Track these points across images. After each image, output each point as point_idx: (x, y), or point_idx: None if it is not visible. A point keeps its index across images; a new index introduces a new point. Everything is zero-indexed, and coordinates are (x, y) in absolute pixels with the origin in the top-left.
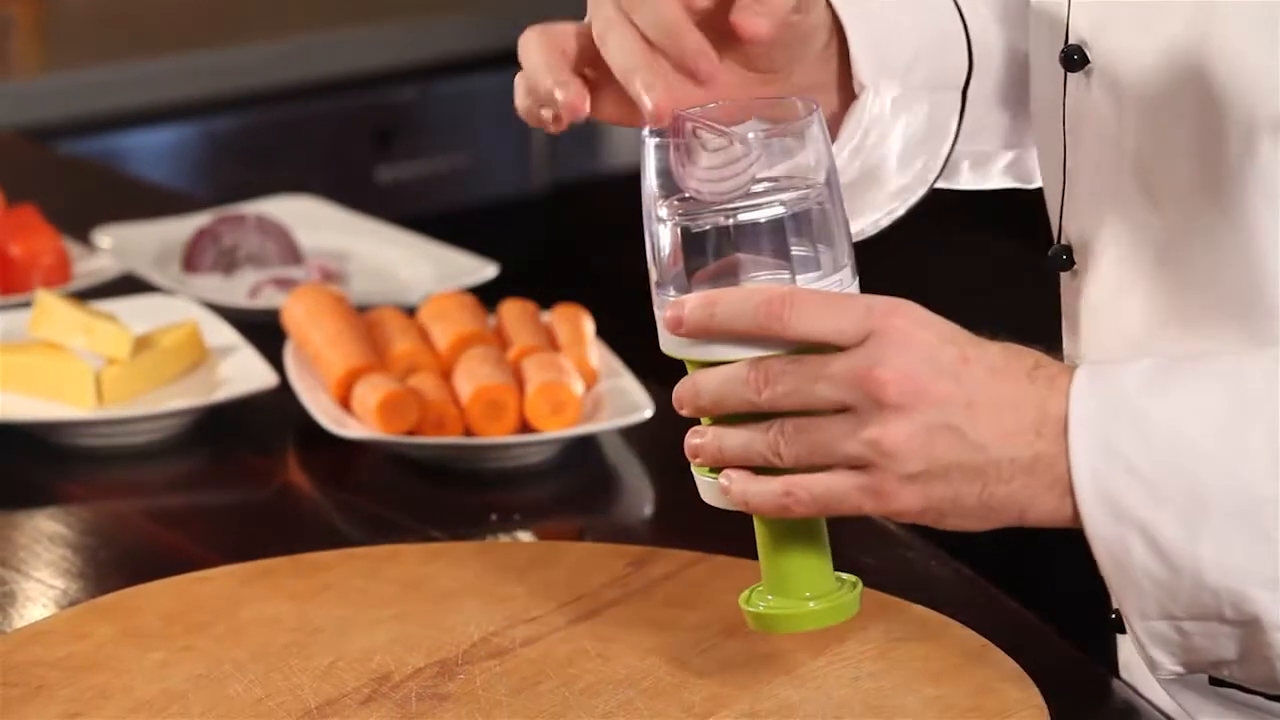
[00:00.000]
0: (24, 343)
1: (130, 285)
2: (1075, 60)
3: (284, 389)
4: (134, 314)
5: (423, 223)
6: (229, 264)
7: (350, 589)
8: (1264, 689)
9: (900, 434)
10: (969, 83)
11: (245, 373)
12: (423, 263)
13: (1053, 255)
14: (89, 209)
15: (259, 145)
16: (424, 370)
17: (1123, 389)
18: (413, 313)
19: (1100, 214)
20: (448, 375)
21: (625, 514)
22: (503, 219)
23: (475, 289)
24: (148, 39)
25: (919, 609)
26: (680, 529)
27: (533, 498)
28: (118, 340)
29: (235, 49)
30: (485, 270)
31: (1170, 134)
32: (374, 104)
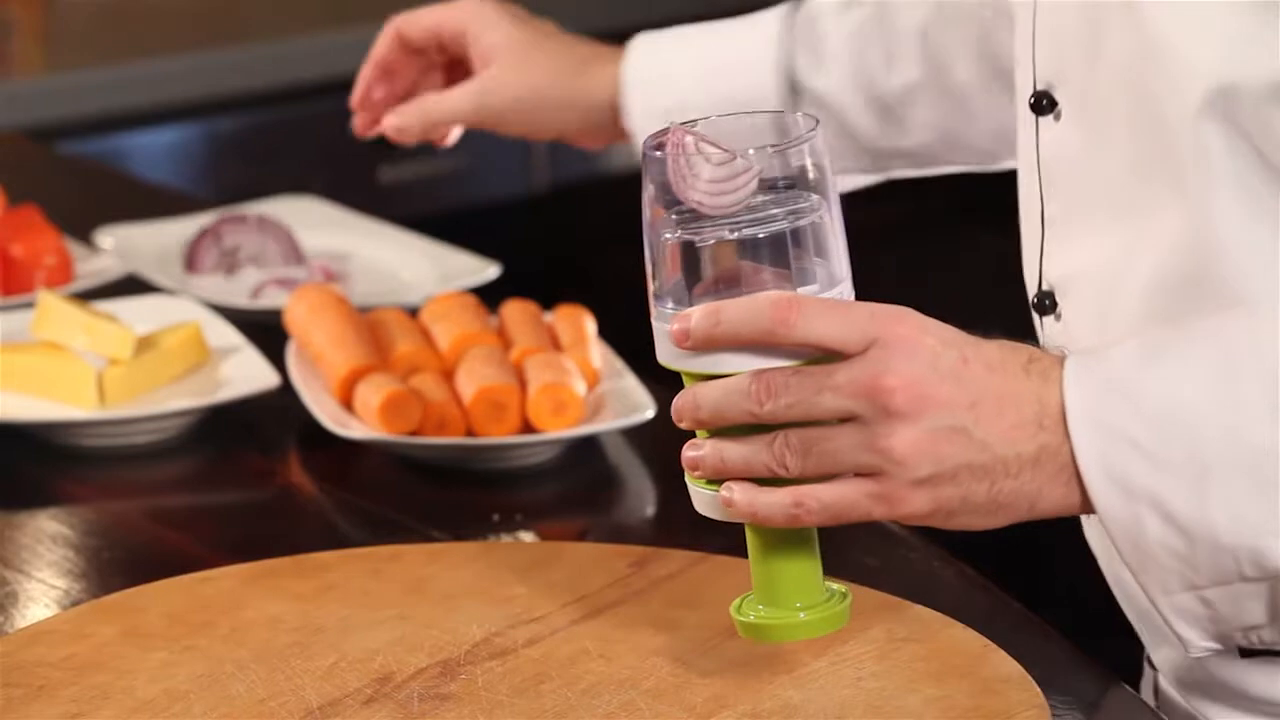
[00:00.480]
0: (26, 343)
1: (132, 286)
2: (1044, 105)
3: (286, 389)
4: (136, 314)
5: (425, 223)
6: (231, 264)
7: (352, 589)
8: None
9: (909, 440)
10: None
11: (247, 373)
12: (425, 263)
13: (1036, 301)
14: (91, 209)
15: (261, 146)
16: (426, 371)
17: (1113, 369)
18: (415, 313)
19: (1081, 251)
20: (450, 376)
21: (627, 514)
22: (505, 219)
23: (477, 289)
24: (150, 39)
25: (921, 609)
26: (682, 529)
27: (535, 498)
28: (120, 341)
29: (237, 49)
30: (487, 271)
31: (1135, 154)
32: None
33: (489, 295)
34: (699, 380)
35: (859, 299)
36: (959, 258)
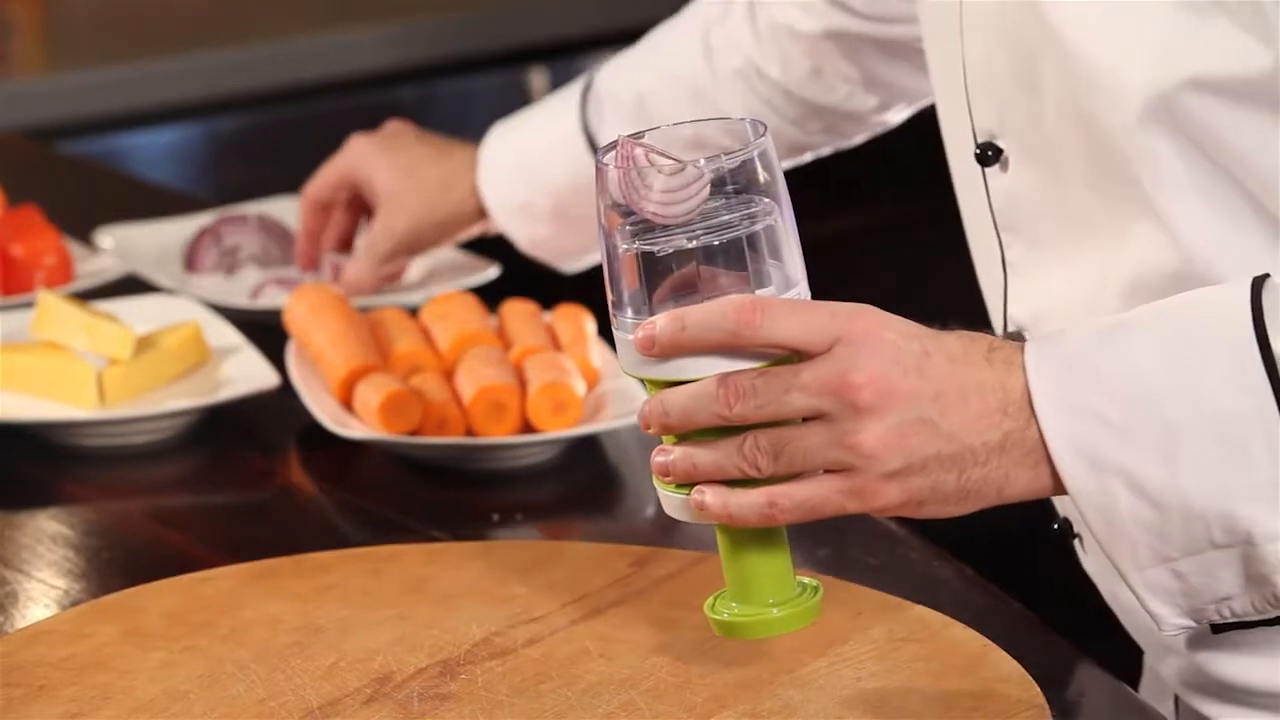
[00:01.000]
0: (26, 343)
1: (132, 285)
2: (990, 156)
3: (286, 389)
4: (136, 314)
5: None
6: (231, 264)
7: (352, 589)
8: (1270, 613)
9: (877, 435)
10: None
11: (247, 373)
12: (424, 263)
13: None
14: (91, 209)
15: (261, 145)
16: (426, 370)
17: (1073, 347)
18: (415, 313)
19: (1049, 289)
20: (450, 375)
21: (627, 514)
22: None
23: (477, 289)
24: (150, 39)
25: (921, 609)
26: (682, 529)
27: (535, 498)
28: (120, 340)
29: (237, 49)
30: (487, 270)
31: (1081, 177)
32: (375, 104)
33: (489, 295)
34: (664, 387)
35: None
36: (943, 261)
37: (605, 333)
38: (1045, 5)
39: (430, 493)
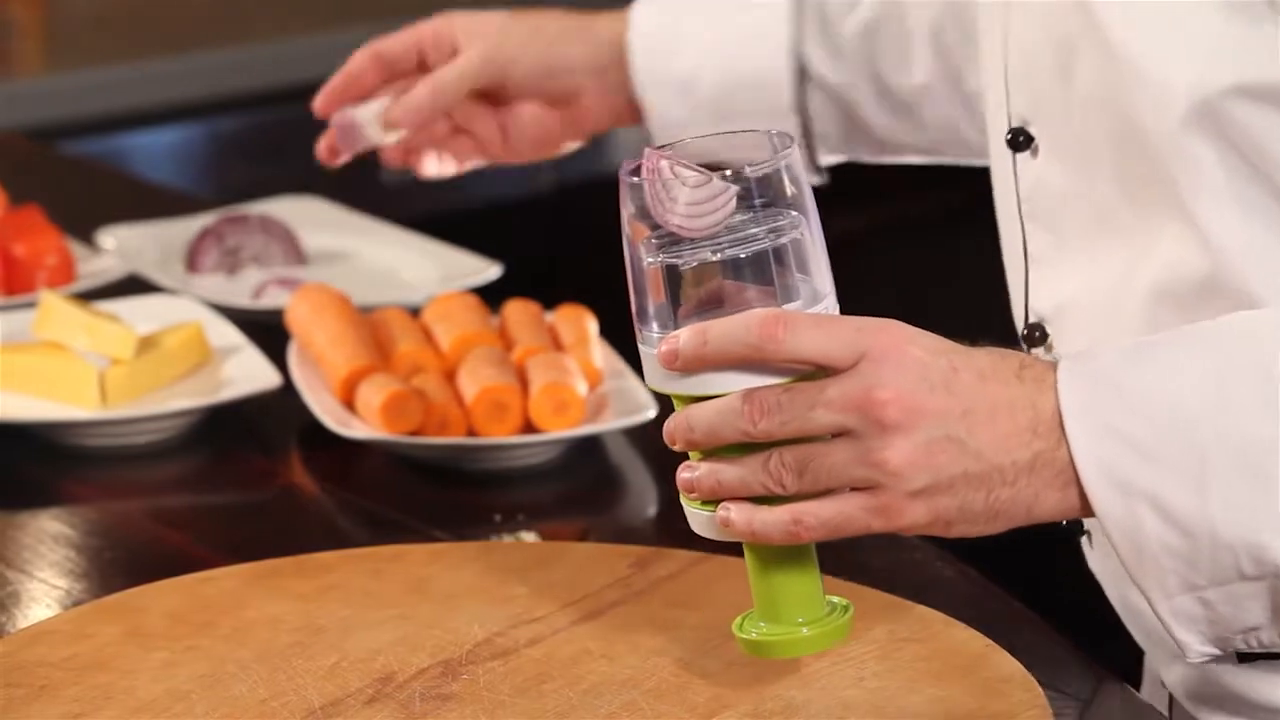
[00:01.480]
0: (28, 343)
1: (134, 286)
2: (1021, 141)
3: (287, 389)
4: (138, 314)
5: (426, 223)
6: (233, 264)
7: (354, 589)
8: None
9: (903, 453)
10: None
11: (249, 373)
12: (426, 263)
13: (1026, 334)
14: (93, 209)
15: (262, 145)
16: (427, 371)
17: (1105, 370)
18: (416, 313)
19: (1072, 281)
20: (451, 376)
21: (629, 514)
22: (507, 219)
23: (479, 289)
24: (151, 39)
25: (923, 609)
26: (684, 529)
27: (536, 498)
28: (121, 340)
29: (239, 49)
30: (489, 271)
31: (1119, 175)
32: None
33: (491, 295)
34: (689, 402)
35: (858, 308)
36: (959, 261)
37: (607, 333)
38: (1094, 2)
39: (432, 493)
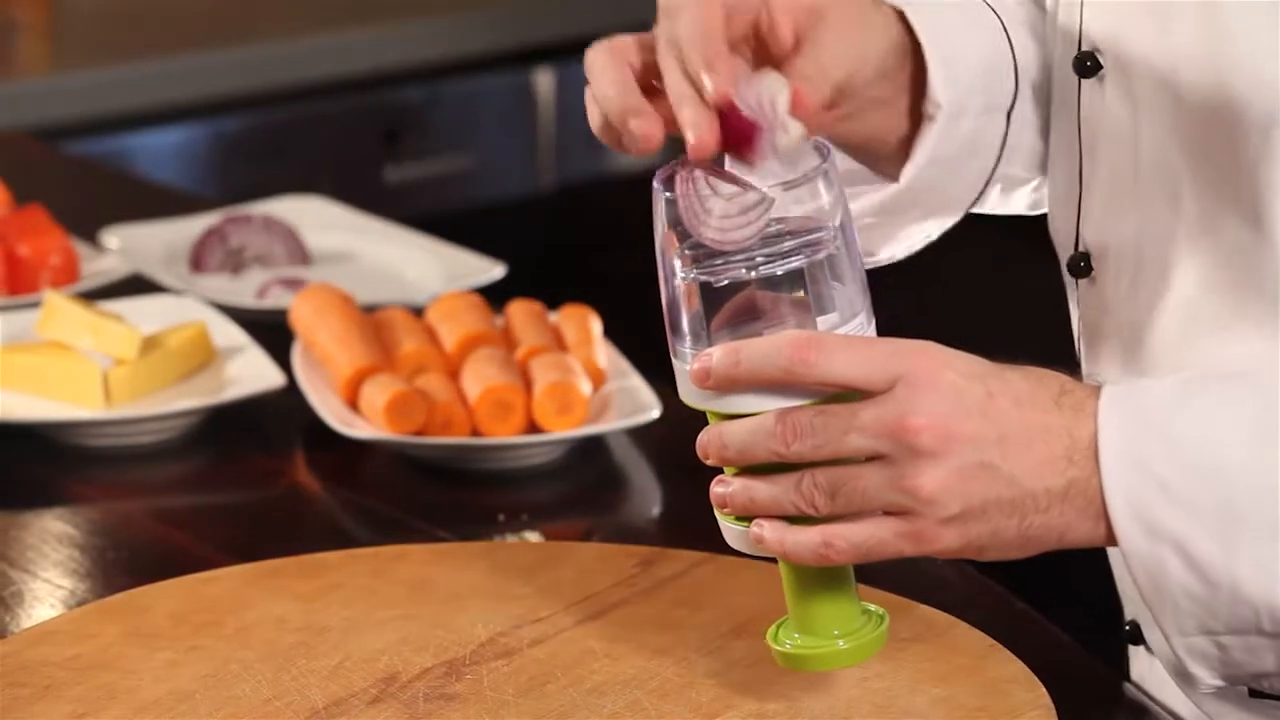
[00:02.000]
0: (32, 343)
1: (138, 285)
2: (1089, 67)
3: (291, 389)
4: (142, 314)
5: (430, 223)
6: (236, 264)
7: (357, 589)
8: None
9: (936, 479)
10: (1014, 105)
11: (253, 373)
12: (430, 263)
13: (1070, 262)
14: (97, 209)
15: (266, 145)
16: (431, 370)
17: (1149, 406)
18: (420, 313)
19: (1118, 220)
20: (455, 375)
21: (633, 514)
22: (510, 219)
23: (483, 289)
24: (155, 39)
25: (926, 609)
26: (688, 529)
27: (540, 498)
28: (125, 340)
29: (243, 49)
30: (493, 270)
31: (1187, 136)
32: (382, 104)
33: (494, 295)
34: (724, 418)
35: (896, 311)
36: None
37: (611, 333)
38: None
39: (435, 493)
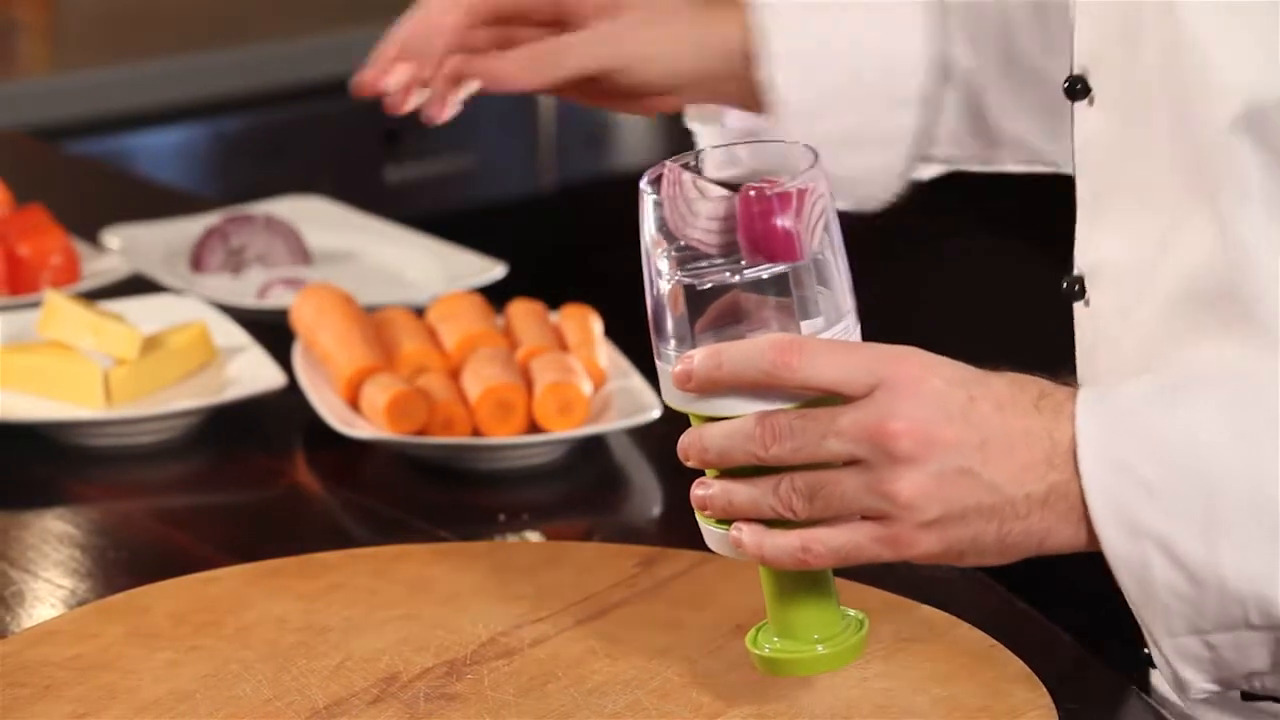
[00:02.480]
0: (33, 343)
1: (139, 285)
2: (1078, 90)
3: (292, 389)
4: (142, 314)
5: (431, 223)
6: (237, 264)
7: (358, 589)
8: None
9: (915, 484)
10: (931, 96)
11: (253, 373)
12: (431, 263)
13: (1066, 288)
14: (97, 209)
15: (267, 145)
16: (432, 370)
17: (1126, 406)
18: (421, 313)
19: (1111, 241)
20: (456, 375)
21: (633, 514)
22: (511, 219)
23: (483, 289)
24: (156, 39)
25: (927, 609)
26: (688, 529)
27: (541, 498)
28: (126, 340)
29: (243, 49)
30: (493, 270)
31: (1164, 148)
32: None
33: (495, 295)
34: (704, 421)
35: (885, 316)
36: (968, 267)
37: (611, 333)
38: None
39: (436, 493)
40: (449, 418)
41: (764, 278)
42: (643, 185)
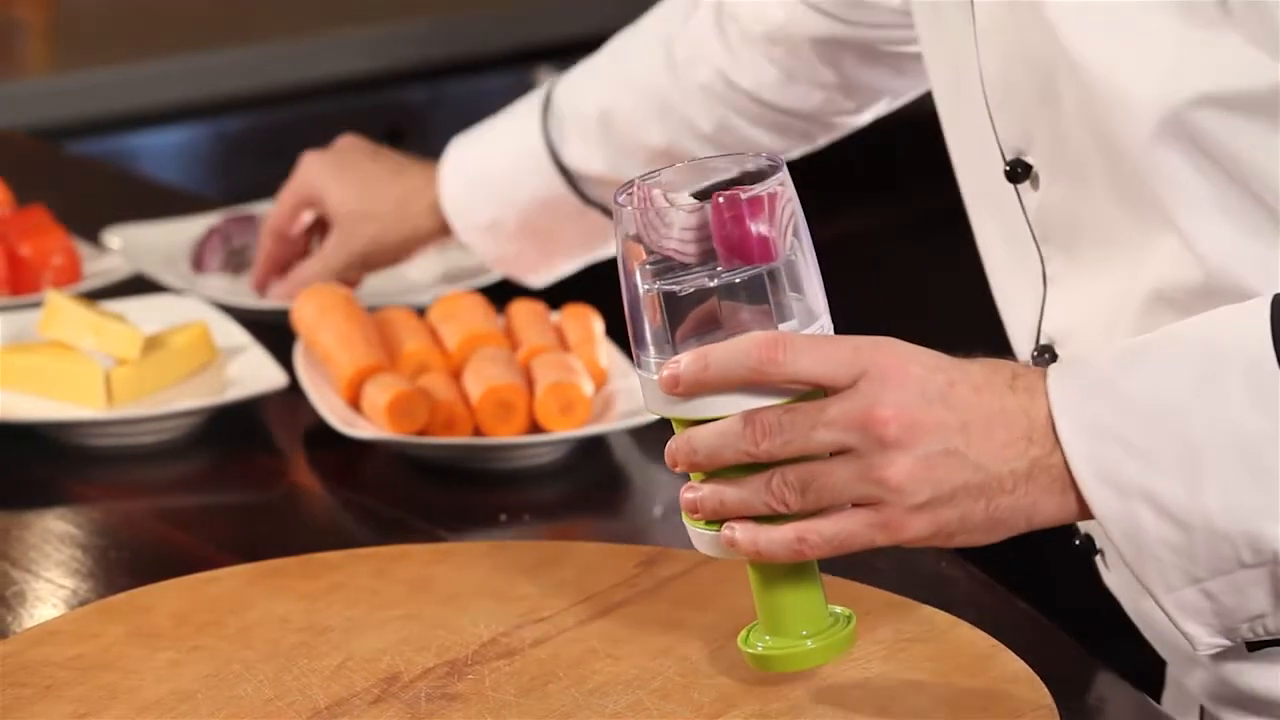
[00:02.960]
0: (34, 343)
1: (140, 285)
2: (1020, 173)
3: (293, 389)
4: (144, 314)
5: None
6: (238, 264)
7: (359, 589)
8: None
9: (904, 468)
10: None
11: (255, 373)
12: (432, 262)
13: (1035, 356)
14: (99, 209)
15: (268, 145)
16: (434, 370)
17: (1094, 374)
18: (422, 313)
19: (1082, 301)
20: (457, 375)
21: (634, 514)
22: None
23: (485, 289)
24: (157, 39)
25: (928, 609)
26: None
27: (542, 498)
28: (128, 340)
29: (245, 49)
30: (495, 270)
31: (1112, 189)
32: (384, 104)
33: (496, 295)
34: (690, 425)
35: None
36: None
37: (613, 333)
38: (1056, 23)
39: (437, 493)
40: (450, 418)
41: (742, 280)
42: (616, 199)
